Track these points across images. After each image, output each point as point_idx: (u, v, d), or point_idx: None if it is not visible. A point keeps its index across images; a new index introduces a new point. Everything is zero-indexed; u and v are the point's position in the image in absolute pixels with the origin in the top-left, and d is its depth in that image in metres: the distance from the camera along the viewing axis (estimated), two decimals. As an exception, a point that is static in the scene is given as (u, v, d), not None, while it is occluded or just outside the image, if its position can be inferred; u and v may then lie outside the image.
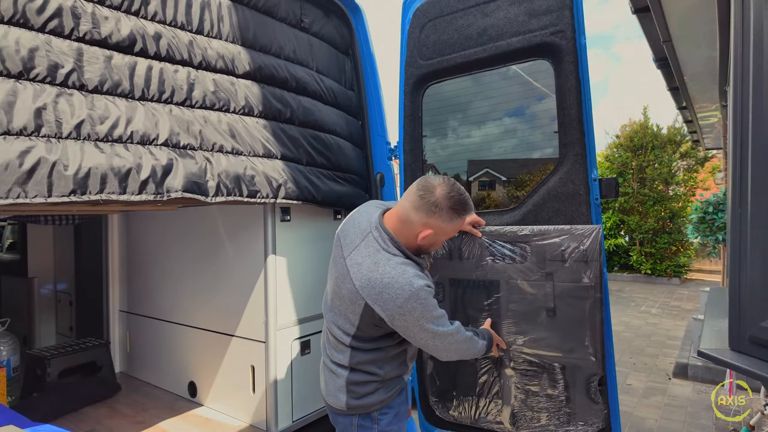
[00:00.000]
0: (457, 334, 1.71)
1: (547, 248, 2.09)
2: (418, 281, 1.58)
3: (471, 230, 2.23)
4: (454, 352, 1.73)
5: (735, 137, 1.18)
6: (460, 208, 1.62)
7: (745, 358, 1.16)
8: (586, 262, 2.03)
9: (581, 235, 2.04)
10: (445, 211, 1.59)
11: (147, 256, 3.48)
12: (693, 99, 6.21)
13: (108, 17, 1.71)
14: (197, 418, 2.85)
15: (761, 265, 1.12)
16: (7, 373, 3.24)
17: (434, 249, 1.77)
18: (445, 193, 1.59)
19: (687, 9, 3.65)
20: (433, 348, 1.68)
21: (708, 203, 7.06)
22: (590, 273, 2.03)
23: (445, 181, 1.63)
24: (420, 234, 1.62)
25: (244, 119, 2.19)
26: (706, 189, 11.66)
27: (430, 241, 1.65)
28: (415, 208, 1.61)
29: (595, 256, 2.02)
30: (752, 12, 1.14)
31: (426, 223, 1.60)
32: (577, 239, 2.05)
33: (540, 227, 2.11)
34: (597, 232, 2.03)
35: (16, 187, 1.39)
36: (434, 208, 1.58)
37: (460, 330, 1.74)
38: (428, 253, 1.77)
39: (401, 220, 1.65)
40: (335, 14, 2.85)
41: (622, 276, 12.24)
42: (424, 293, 1.58)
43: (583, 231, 2.04)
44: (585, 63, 2.15)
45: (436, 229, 1.62)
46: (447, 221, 1.61)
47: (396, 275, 1.57)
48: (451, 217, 1.61)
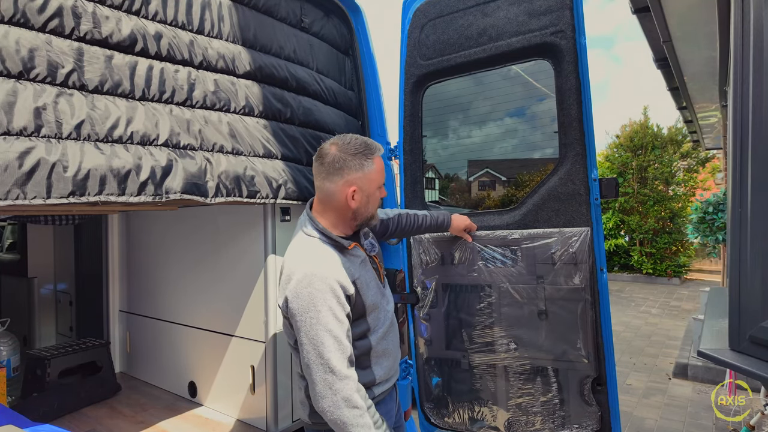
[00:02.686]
0: (345, 390, 1.35)
1: (537, 251, 2.09)
2: (317, 268, 1.42)
3: (463, 235, 2.20)
4: (330, 408, 1.35)
5: (735, 137, 1.17)
6: (365, 149, 1.51)
7: (745, 358, 1.16)
8: (576, 264, 2.02)
9: (570, 237, 2.04)
10: (351, 159, 1.49)
11: (147, 256, 3.48)
12: (693, 99, 6.21)
13: (109, 17, 1.71)
14: (197, 418, 2.85)
15: (761, 265, 1.12)
16: (7, 373, 3.24)
17: (372, 209, 1.59)
18: (340, 144, 1.51)
19: (687, 9, 3.65)
20: (310, 380, 1.38)
21: (708, 203, 7.06)
22: (580, 275, 2.02)
23: (333, 138, 1.57)
24: (347, 197, 1.49)
25: (244, 119, 2.19)
26: (706, 189, 11.66)
27: (362, 198, 1.51)
28: (324, 177, 1.52)
29: (584, 258, 2.01)
30: (752, 12, 1.14)
31: (345, 181, 1.49)
32: (565, 242, 2.05)
33: (530, 231, 2.12)
34: (586, 234, 2.02)
35: (15, 188, 1.39)
36: (340, 163, 1.48)
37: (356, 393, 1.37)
38: (370, 213, 1.58)
39: (322, 200, 1.56)
40: (335, 14, 2.85)
41: (622, 276, 12.24)
42: (318, 282, 1.39)
43: (572, 233, 2.04)
44: (585, 63, 2.15)
45: (357, 183, 1.49)
46: (360, 168, 1.49)
47: (298, 254, 1.46)
48: (361, 162, 1.49)
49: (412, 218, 2.09)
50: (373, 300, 1.59)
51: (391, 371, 1.66)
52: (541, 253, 2.08)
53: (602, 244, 2.14)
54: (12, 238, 4.62)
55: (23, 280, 4.14)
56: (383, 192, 1.61)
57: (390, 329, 1.68)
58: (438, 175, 2.97)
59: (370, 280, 1.60)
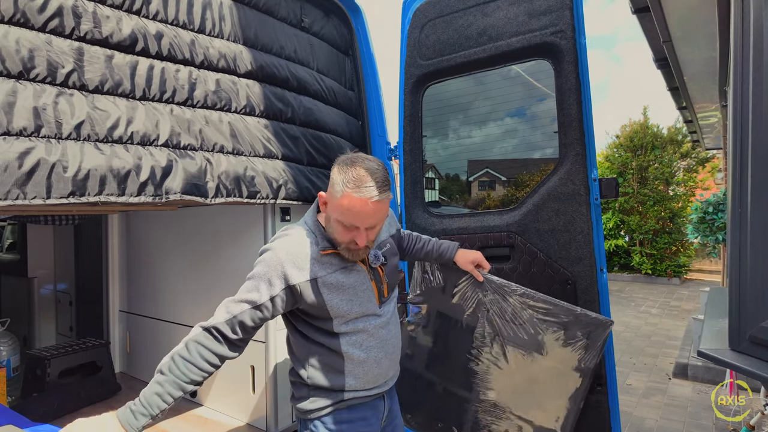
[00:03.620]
0: (195, 328, 1.41)
1: (547, 322, 1.87)
2: (281, 244, 1.45)
3: (472, 271, 2.00)
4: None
5: (735, 137, 1.17)
6: (346, 179, 1.34)
7: (745, 358, 1.16)
8: (584, 356, 1.77)
9: (589, 324, 1.78)
10: (336, 173, 1.38)
11: (147, 256, 3.47)
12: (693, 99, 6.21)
13: (109, 16, 1.71)
14: (197, 418, 2.85)
15: (761, 265, 1.12)
16: (7, 373, 3.24)
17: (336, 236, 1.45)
18: (348, 157, 1.41)
19: (687, 9, 3.65)
20: None
21: (708, 203, 7.06)
22: (583, 367, 1.79)
23: (369, 157, 1.42)
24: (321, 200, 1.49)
25: (245, 119, 2.18)
26: (706, 189, 11.66)
27: (327, 213, 1.46)
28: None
29: (594, 353, 1.76)
30: (752, 12, 1.14)
31: (328, 189, 1.45)
32: (582, 327, 1.79)
33: (549, 298, 1.87)
34: (605, 328, 1.76)
35: (15, 188, 1.39)
36: (334, 168, 1.42)
37: (201, 331, 1.40)
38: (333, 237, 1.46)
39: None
40: (335, 14, 2.85)
41: (622, 276, 12.24)
42: (270, 255, 1.42)
43: (592, 320, 1.77)
44: (585, 63, 2.15)
45: (327, 196, 1.43)
46: (332, 185, 1.39)
47: (280, 233, 1.52)
48: (334, 183, 1.37)
49: (420, 241, 1.99)
50: (346, 308, 1.49)
51: (369, 383, 1.56)
52: (551, 326, 1.85)
53: (602, 244, 2.14)
54: (12, 238, 4.62)
55: (23, 280, 4.14)
56: (357, 237, 1.41)
57: (376, 342, 1.56)
58: (438, 175, 2.97)
59: (348, 288, 1.50)
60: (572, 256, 2.16)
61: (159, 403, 1.30)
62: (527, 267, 2.26)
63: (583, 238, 2.14)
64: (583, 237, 2.14)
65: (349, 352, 1.51)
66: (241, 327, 1.41)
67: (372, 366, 1.55)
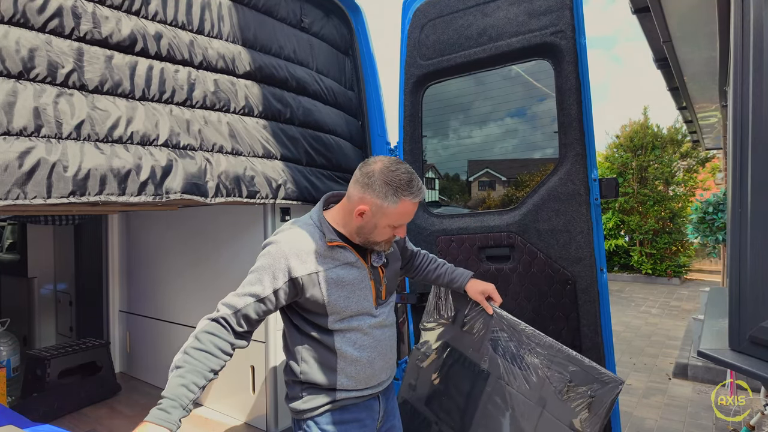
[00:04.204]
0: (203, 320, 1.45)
1: (554, 370, 1.74)
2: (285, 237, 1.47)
3: (483, 303, 1.85)
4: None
5: (735, 137, 1.17)
6: (398, 184, 1.40)
7: (745, 358, 1.16)
8: (587, 418, 1.64)
9: (596, 380, 1.64)
10: (379, 184, 1.40)
11: (147, 256, 3.48)
12: (693, 99, 6.21)
13: (108, 17, 1.71)
14: (197, 418, 2.85)
15: (761, 265, 1.12)
16: (7, 373, 3.24)
17: (377, 239, 1.49)
18: (384, 166, 1.43)
19: (687, 9, 3.65)
20: None
21: (708, 203, 7.06)
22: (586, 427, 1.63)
23: (390, 158, 1.48)
24: (354, 212, 1.45)
25: (244, 119, 2.19)
26: (706, 189, 11.66)
27: (367, 221, 1.45)
28: (354, 181, 1.48)
29: (598, 418, 1.60)
30: (752, 12, 1.14)
31: (362, 197, 1.43)
32: (588, 382, 1.66)
33: (558, 345, 1.75)
34: (614, 389, 1.60)
35: (16, 188, 1.39)
36: (367, 180, 1.42)
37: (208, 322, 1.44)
38: (373, 240, 1.50)
39: (346, 196, 1.53)
40: (335, 14, 2.85)
41: (622, 276, 12.24)
42: (274, 248, 1.44)
43: (599, 375, 1.64)
44: (585, 63, 2.15)
45: (371, 207, 1.42)
46: (382, 197, 1.40)
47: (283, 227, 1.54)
48: (385, 193, 1.40)
49: (433, 262, 1.93)
50: (342, 305, 1.49)
51: (361, 383, 1.55)
52: (556, 375, 1.72)
53: (602, 244, 2.14)
54: (12, 238, 4.62)
55: (23, 280, 4.14)
56: (399, 232, 1.50)
57: (370, 341, 1.55)
58: (438, 175, 2.97)
59: (347, 284, 1.50)
60: (572, 256, 2.16)
61: (186, 393, 1.32)
62: (527, 267, 2.26)
63: (583, 238, 2.14)
64: (583, 237, 2.14)
65: (343, 350, 1.51)
66: (245, 320, 1.44)
67: (364, 366, 1.54)
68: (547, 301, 2.21)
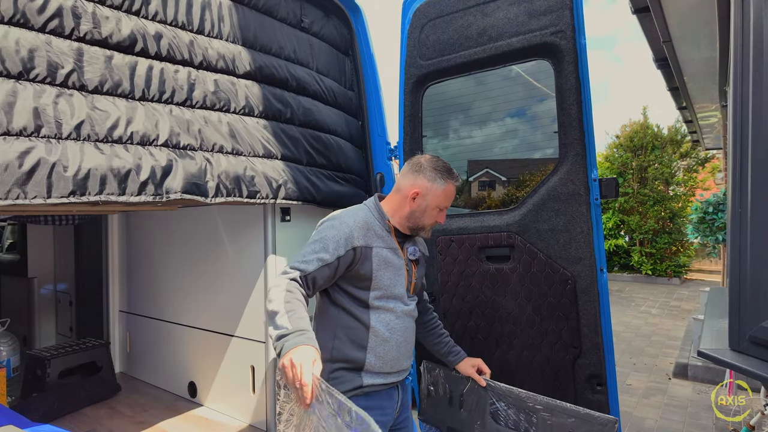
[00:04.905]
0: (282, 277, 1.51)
1: (555, 425, 1.80)
2: (348, 213, 1.66)
3: (474, 376, 1.93)
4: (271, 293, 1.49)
5: (735, 137, 1.17)
6: (444, 170, 1.70)
7: (745, 358, 1.16)
8: None
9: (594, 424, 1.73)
10: (428, 170, 1.69)
11: (147, 256, 3.48)
12: (693, 99, 6.21)
13: (108, 17, 1.71)
14: (197, 418, 2.85)
15: (761, 265, 1.12)
16: (7, 373, 3.24)
17: (426, 221, 1.71)
18: (430, 158, 1.74)
19: (687, 9, 3.65)
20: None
21: (708, 203, 7.06)
22: None
23: (431, 154, 1.79)
24: (409, 195, 1.68)
25: (244, 119, 2.19)
26: (706, 189, 11.66)
27: (419, 203, 1.68)
28: (404, 175, 1.74)
29: None
30: (752, 12, 1.14)
31: (413, 183, 1.69)
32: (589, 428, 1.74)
33: (551, 401, 1.82)
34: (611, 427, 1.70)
35: (16, 188, 1.39)
36: (418, 168, 1.70)
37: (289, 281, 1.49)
38: (422, 224, 1.71)
39: (395, 190, 1.76)
40: (335, 14, 2.85)
41: (622, 276, 12.23)
42: (338, 221, 1.61)
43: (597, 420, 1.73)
44: (585, 63, 2.15)
45: (422, 189, 1.68)
46: (431, 180, 1.68)
47: (341, 209, 1.71)
48: (434, 177, 1.68)
49: (438, 323, 1.99)
50: (387, 282, 1.64)
51: (387, 365, 1.65)
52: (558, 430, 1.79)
53: (602, 244, 2.14)
54: (12, 238, 4.62)
55: (23, 280, 4.14)
56: (442, 217, 1.74)
57: (400, 325, 1.68)
58: (438, 175, 2.96)
59: (392, 266, 1.67)
60: (572, 256, 2.16)
61: (305, 317, 1.41)
62: (527, 267, 2.26)
63: (583, 238, 2.14)
64: (583, 237, 2.14)
65: (376, 328, 1.63)
66: (312, 283, 1.55)
67: (392, 348, 1.65)
68: (547, 301, 2.21)
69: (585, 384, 2.15)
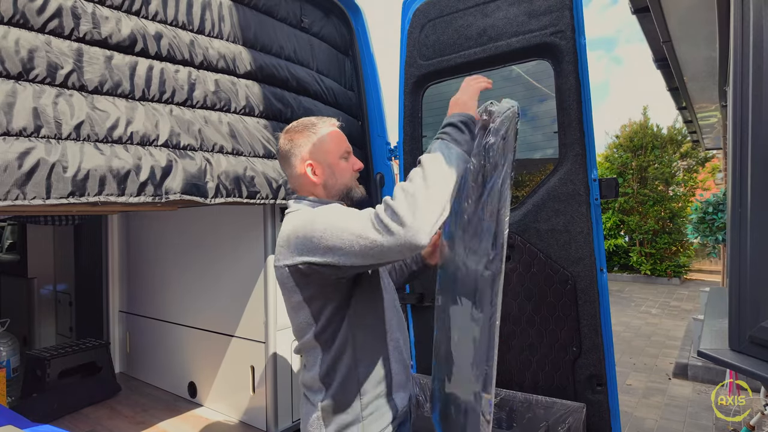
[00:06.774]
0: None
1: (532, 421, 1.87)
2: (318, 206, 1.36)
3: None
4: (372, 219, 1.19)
5: (735, 137, 1.17)
6: (308, 124, 1.48)
7: (745, 358, 1.16)
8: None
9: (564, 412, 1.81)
10: (298, 137, 1.46)
11: (147, 256, 3.47)
12: (693, 99, 6.20)
13: (108, 17, 1.71)
14: (197, 418, 2.85)
15: (761, 265, 1.12)
16: (7, 373, 3.24)
17: (345, 178, 1.48)
18: (286, 130, 1.51)
19: (687, 9, 3.64)
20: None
21: (708, 203, 7.06)
22: None
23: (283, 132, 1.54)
24: (307, 174, 1.44)
25: (244, 119, 2.19)
26: (706, 189, 11.66)
27: (324, 170, 1.44)
28: (286, 166, 1.50)
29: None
30: (752, 12, 1.14)
31: (300, 160, 1.44)
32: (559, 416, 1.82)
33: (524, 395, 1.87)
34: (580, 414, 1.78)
35: (15, 188, 1.39)
36: (289, 145, 1.46)
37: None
38: (344, 183, 1.48)
39: (296, 189, 1.51)
40: (335, 15, 2.85)
41: (622, 276, 12.23)
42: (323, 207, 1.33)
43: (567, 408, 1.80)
44: (585, 63, 2.15)
45: (311, 155, 1.44)
46: (309, 142, 1.45)
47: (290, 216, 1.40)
48: (308, 136, 1.45)
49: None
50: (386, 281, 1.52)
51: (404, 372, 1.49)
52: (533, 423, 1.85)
53: (602, 244, 2.14)
54: (12, 238, 4.62)
55: (23, 280, 4.14)
56: (354, 163, 1.50)
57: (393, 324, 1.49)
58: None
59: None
60: (572, 256, 2.16)
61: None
62: (527, 267, 2.26)
63: (582, 238, 2.14)
64: (582, 237, 2.14)
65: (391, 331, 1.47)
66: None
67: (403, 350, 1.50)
68: (547, 301, 2.21)
69: (585, 384, 2.15)
